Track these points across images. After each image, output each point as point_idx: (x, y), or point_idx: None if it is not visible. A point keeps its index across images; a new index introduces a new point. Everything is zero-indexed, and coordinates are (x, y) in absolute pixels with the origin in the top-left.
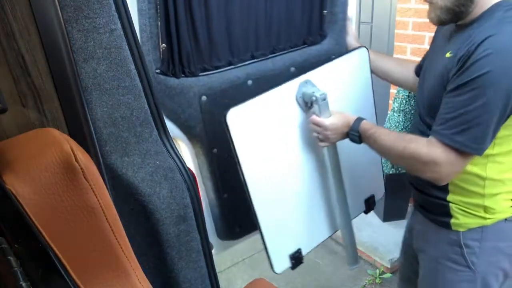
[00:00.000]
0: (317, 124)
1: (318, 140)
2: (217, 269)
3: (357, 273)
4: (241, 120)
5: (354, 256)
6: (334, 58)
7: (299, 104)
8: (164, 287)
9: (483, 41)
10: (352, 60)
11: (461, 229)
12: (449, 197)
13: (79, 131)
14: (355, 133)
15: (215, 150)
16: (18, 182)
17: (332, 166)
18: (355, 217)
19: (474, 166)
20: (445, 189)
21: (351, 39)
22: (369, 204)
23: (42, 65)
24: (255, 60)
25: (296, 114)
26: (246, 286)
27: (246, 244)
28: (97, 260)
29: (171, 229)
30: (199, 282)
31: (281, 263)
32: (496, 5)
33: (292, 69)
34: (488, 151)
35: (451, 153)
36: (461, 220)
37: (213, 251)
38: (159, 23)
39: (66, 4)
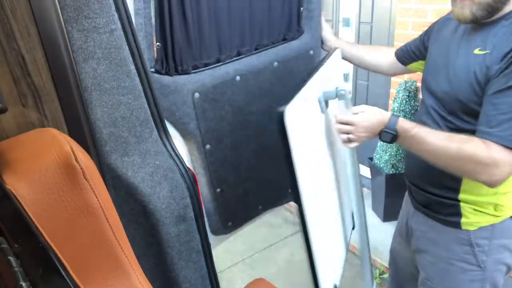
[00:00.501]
0: (347, 123)
1: (346, 141)
2: (217, 269)
3: (357, 273)
4: (296, 118)
5: (371, 276)
6: (312, 53)
7: (320, 104)
8: (164, 287)
9: None
10: (334, 61)
11: (471, 228)
12: (460, 196)
13: (79, 131)
14: (391, 132)
15: (208, 146)
16: (18, 182)
17: (354, 172)
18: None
19: None
20: (456, 188)
21: (327, 33)
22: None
23: (42, 65)
24: (242, 56)
25: (319, 116)
26: (246, 286)
27: (246, 244)
28: (97, 260)
29: (171, 229)
30: (199, 282)
31: None
32: None
33: (275, 63)
34: None
35: (511, 155)
36: (472, 219)
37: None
38: (153, 22)
39: (66, 4)
